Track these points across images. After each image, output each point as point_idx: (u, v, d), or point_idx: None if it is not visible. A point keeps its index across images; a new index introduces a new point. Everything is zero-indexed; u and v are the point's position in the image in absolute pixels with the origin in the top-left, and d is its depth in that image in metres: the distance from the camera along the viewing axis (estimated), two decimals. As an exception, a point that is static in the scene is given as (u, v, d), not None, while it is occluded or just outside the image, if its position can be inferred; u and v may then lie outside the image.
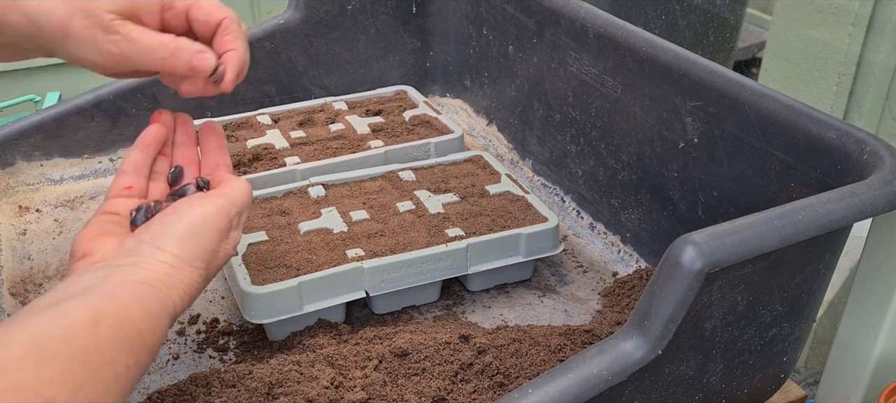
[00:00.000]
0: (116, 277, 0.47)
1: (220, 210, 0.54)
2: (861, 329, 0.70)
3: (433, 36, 1.13)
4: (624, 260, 0.85)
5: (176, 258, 0.50)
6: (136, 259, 0.49)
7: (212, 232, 0.53)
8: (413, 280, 0.74)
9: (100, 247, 0.52)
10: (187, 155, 0.61)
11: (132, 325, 0.44)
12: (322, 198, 0.83)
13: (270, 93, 1.05)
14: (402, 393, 0.62)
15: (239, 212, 0.56)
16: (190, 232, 0.52)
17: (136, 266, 0.49)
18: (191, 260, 0.51)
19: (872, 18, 1.27)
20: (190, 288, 0.51)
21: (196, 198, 0.55)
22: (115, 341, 0.43)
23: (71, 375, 0.39)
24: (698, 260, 0.51)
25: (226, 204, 0.54)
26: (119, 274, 0.47)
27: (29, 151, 0.94)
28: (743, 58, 2.15)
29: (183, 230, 0.52)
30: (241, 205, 0.56)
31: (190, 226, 0.52)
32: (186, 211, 0.53)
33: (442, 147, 0.94)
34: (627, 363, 0.52)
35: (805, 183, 0.65)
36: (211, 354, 0.71)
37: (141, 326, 0.45)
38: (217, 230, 0.53)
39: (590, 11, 0.87)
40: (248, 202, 0.57)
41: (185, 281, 0.50)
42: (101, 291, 0.45)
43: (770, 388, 0.67)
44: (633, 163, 0.84)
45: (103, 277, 0.47)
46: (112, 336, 0.42)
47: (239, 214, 0.56)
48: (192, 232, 0.52)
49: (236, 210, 0.55)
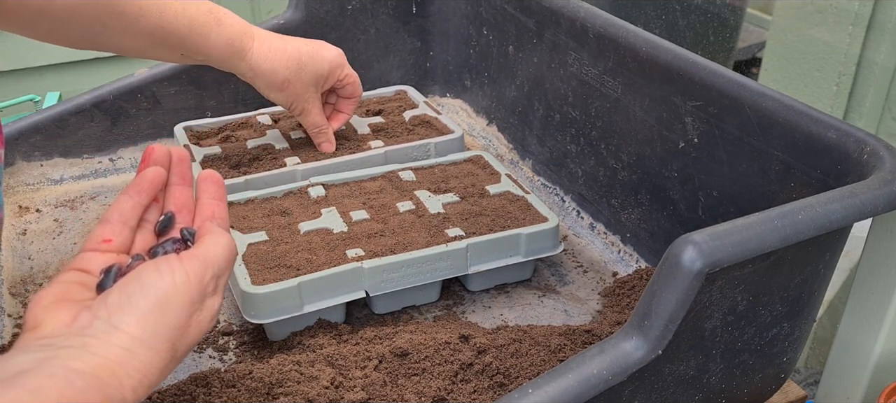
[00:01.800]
0: (55, 363, 0.40)
1: (191, 276, 0.46)
2: (861, 329, 0.70)
3: (433, 36, 1.13)
4: (624, 260, 0.85)
5: (134, 339, 0.42)
6: (85, 340, 0.42)
7: (180, 305, 0.45)
8: (413, 280, 0.74)
9: (51, 320, 0.44)
10: (180, 197, 0.54)
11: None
12: (322, 198, 0.83)
13: (270, 93, 1.05)
14: (402, 393, 0.62)
15: (216, 276, 0.47)
16: (154, 308, 0.44)
17: (83, 350, 0.41)
18: (151, 341, 0.43)
19: (872, 18, 1.27)
20: (148, 376, 0.43)
21: (164, 262, 0.46)
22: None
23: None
24: (698, 260, 0.51)
25: (198, 269, 0.46)
26: (59, 361, 0.40)
27: (29, 151, 0.94)
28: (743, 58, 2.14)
29: (146, 305, 0.44)
30: (217, 268, 0.48)
31: (154, 300, 0.44)
32: (151, 280, 0.45)
33: (442, 147, 0.94)
34: (627, 363, 0.52)
35: (805, 183, 0.65)
36: (211, 354, 0.71)
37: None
38: (188, 302, 0.45)
39: (590, 11, 0.87)
40: (228, 263, 0.49)
41: (141, 368, 0.42)
42: (28, 384, 0.38)
43: (770, 388, 0.67)
44: (633, 163, 0.84)
45: (40, 360, 0.40)
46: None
47: (216, 278, 0.48)
48: (157, 306, 0.44)
49: (212, 274, 0.47)
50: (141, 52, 0.76)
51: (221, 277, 0.48)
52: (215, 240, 0.49)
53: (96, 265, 0.48)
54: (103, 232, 0.50)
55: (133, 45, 0.74)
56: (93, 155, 0.98)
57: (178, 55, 0.78)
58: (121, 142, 0.99)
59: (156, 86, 0.98)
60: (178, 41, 0.75)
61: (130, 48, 0.75)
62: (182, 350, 0.45)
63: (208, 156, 0.90)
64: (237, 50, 0.79)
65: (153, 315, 0.44)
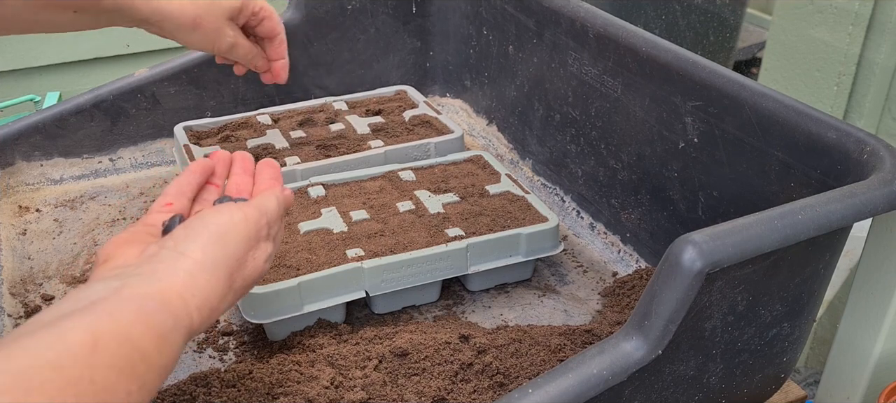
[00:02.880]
0: (126, 290, 0.44)
1: (248, 218, 0.51)
2: (861, 329, 0.70)
3: (433, 36, 1.13)
4: (624, 260, 0.85)
5: (196, 264, 0.47)
6: (154, 266, 0.46)
7: (238, 239, 0.50)
8: (413, 280, 0.74)
9: (122, 254, 0.49)
10: (241, 184, 0.60)
11: (136, 346, 0.40)
12: (322, 198, 0.83)
13: (270, 93, 1.05)
14: (402, 393, 0.62)
15: (269, 223, 0.53)
16: (214, 238, 0.49)
17: (152, 275, 0.45)
18: (212, 267, 0.48)
19: (872, 18, 1.27)
20: (209, 299, 0.47)
21: (224, 206, 0.52)
22: (115, 366, 0.39)
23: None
24: (698, 261, 0.51)
25: (254, 213, 0.52)
26: (130, 286, 0.44)
27: (29, 151, 0.94)
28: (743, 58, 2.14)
29: (208, 235, 0.49)
30: (270, 215, 0.53)
31: (215, 232, 0.49)
32: (212, 217, 0.50)
33: (442, 147, 0.94)
34: (627, 363, 0.52)
35: (805, 183, 0.65)
36: (211, 354, 0.71)
37: (146, 347, 0.41)
38: (244, 238, 0.51)
39: (590, 11, 0.87)
40: (278, 212, 0.55)
41: (203, 291, 0.47)
42: (104, 308, 0.41)
43: (770, 388, 0.67)
44: (633, 163, 0.84)
45: (113, 288, 0.43)
46: (112, 361, 0.39)
47: (269, 225, 0.53)
48: (217, 237, 0.49)
49: (266, 220, 0.53)
50: (32, 17, 0.68)
51: (273, 225, 0.54)
52: (271, 194, 0.56)
53: (160, 220, 0.54)
54: (164, 199, 0.56)
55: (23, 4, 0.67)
56: (93, 155, 0.97)
57: (71, 13, 0.69)
58: (121, 142, 0.99)
59: (156, 86, 0.98)
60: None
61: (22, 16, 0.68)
62: (239, 284, 0.51)
63: (208, 156, 0.89)
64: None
65: (213, 244, 0.49)
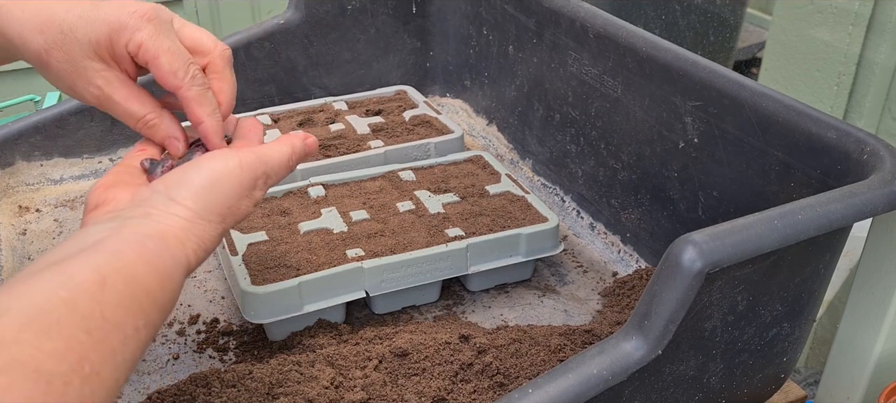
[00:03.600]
0: (126, 231, 0.44)
1: (244, 166, 0.50)
2: (861, 329, 0.70)
3: (433, 36, 1.13)
4: (624, 260, 0.85)
5: (190, 211, 0.47)
6: (147, 209, 0.46)
7: (232, 186, 0.50)
8: (413, 280, 0.74)
9: (113, 197, 0.50)
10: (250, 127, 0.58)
11: (141, 284, 0.41)
12: (322, 198, 0.83)
13: (270, 93, 1.05)
14: (402, 393, 0.62)
15: (267, 174, 0.52)
16: (208, 185, 0.49)
17: (147, 217, 0.46)
18: (206, 213, 0.48)
19: (872, 18, 1.27)
20: (204, 242, 0.48)
21: (220, 152, 0.51)
22: (123, 303, 0.40)
23: (75, 344, 0.36)
24: (698, 260, 0.50)
25: (252, 161, 0.51)
26: (129, 228, 0.45)
27: (29, 151, 0.94)
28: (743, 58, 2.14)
29: (200, 181, 0.48)
30: (271, 166, 0.52)
31: (208, 178, 0.49)
32: (207, 163, 0.50)
33: (442, 147, 0.94)
34: (627, 363, 0.52)
35: (805, 183, 0.65)
36: (211, 354, 0.71)
37: (151, 285, 0.42)
38: (239, 185, 0.50)
39: (590, 11, 0.87)
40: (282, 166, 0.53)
41: (199, 235, 0.47)
42: (108, 248, 0.42)
43: (770, 388, 0.67)
44: (633, 163, 0.84)
45: (113, 229, 0.44)
46: (120, 298, 0.40)
47: (267, 176, 0.52)
48: (211, 184, 0.49)
49: (264, 170, 0.52)
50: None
51: (271, 177, 0.52)
52: (277, 147, 0.53)
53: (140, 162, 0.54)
54: (140, 145, 0.56)
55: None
56: (93, 155, 0.97)
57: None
58: (121, 142, 0.99)
59: (156, 86, 0.98)
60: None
61: None
62: (230, 224, 0.50)
63: (208, 156, 0.90)
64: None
65: (206, 191, 0.48)
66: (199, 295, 0.78)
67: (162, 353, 0.71)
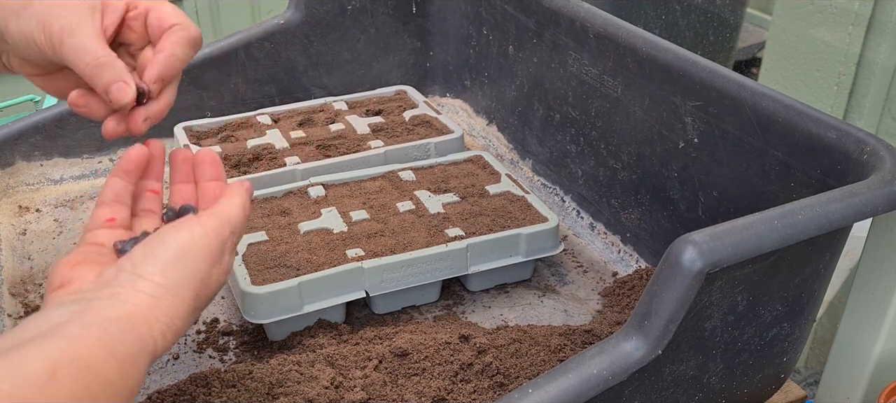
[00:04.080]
0: (89, 315, 0.42)
1: (209, 233, 0.48)
2: (861, 329, 0.70)
3: (433, 36, 1.13)
4: (624, 260, 0.85)
5: (158, 286, 0.45)
6: (114, 290, 0.44)
7: (201, 257, 0.47)
8: (413, 280, 0.74)
9: (78, 276, 0.47)
10: (185, 192, 0.55)
11: (97, 374, 0.39)
12: (322, 198, 0.83)
13: (270, 93, 1.05)
14: (402, 393, 0.62)
15: (233, 232, 0.50)
16: (175, 259, 0.46)
17: (114, 298, 0.43)
18: (175, 289, 0.45)
19: (872, 18, 1.27)
20: (174, 322, 0.45)
21: (183, 222, 0.48)
22: (75, 394, 0.37)
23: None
24: (698, 260, 0.50)
25: (217, 225, 0.48)
26: (93, 311, 0.42)
27: (29, 151, 0.94)
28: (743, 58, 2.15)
29: (167, 256, 0.46)
30: (234, 224, 0.50)
31: (175, 252, 0.46)
32: (172, 236, 0.47)
33: (442, 147, 0.94)
34: (627, 363, 0.52)
35: (805, 183, 0.65)
36: (211, 354, 0.71)
37: (109, 374, 0.39)
38: (208, 255, 0.47)
39: (590, 11, 0.87)
40: (243, 220, 0.51)
41: (168, 314, 0.44)
42: (65, 333, 0.40)
43: (770, 388, 0.67)
44: (633, 163, 0.84)
45: (75, 313, 0.42)
46: (71, 388, 0.37)
47: (233, 234, 0.50)
48: (178, 258, 0.46)
49: (229, 230, 0.49)
50: None
51: (237, 233, 0.50)
52: (231, 201, 0.51)
53: (107, 238, 0.51)
54: (103, 213, 0.52)
55: None
56: (93, 155, 0.97)
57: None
58: (121, 142, 0.98)
59: (156, 86, 0.98)
60: None
61: None
62: (203, 302, 0.48)
63: (208, 156, 0.89)
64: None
65: (174, 265, 0.46)
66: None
67: (162, 353, 0.71)
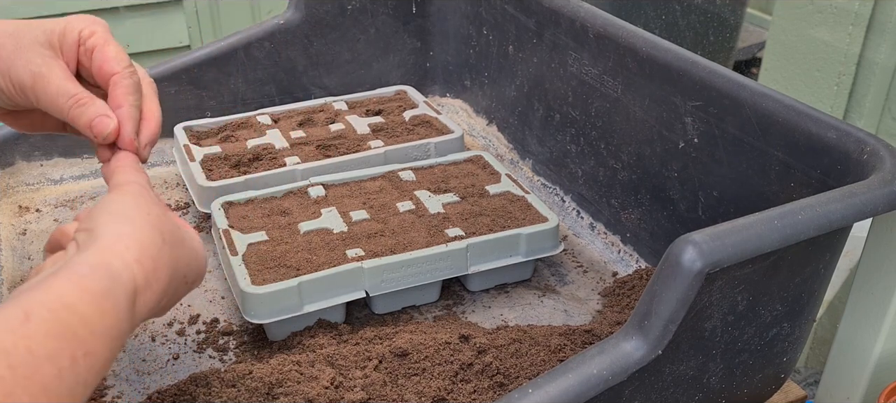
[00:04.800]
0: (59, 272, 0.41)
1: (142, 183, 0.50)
2: (861, 329, 0.70)
3: (433, 36, 1.13)
4: (624, 260, 0.85)
5: (114, 222, 0.45)
6: (72, 252, 0.45)
7: (144, 199, 0.48)
8: (413, 280, 0.74)
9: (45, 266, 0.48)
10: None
11: (72, 311, 0.39)
12: (322, 198, 0.83)
13: (270, 93, 1.05)
14: (402, 393, 0.62)
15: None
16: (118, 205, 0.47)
17: (77, 254, 0.43)
18: (131, 217, 0.45)
19: (872, 18, 1.27)
20: (146, 247, 0.44)
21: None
22: (52, 333, 0.37)
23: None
24: (698, 261, 0.51)
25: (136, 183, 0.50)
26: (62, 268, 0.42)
27: (29, 151, 0.94)
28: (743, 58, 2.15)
29: (111, 206, 0.47)
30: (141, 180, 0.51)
31: (117, 201, 0.47)
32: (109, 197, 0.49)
33: (442, 147, 0.94)
34: (627, 363, 0.52)
35: (805, 183, 0.65)
36: (211, 354, 0.71)
37: (85, 311, 0.39)
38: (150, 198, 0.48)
39: (590, 11, 0.87)
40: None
41: (137, 240, 0.44)
42: (36, 285, 0.40)
43: (770, 388, 0.67)
44: (633, 163, 0.84)
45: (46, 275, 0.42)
46: (47, 328, 0.37)
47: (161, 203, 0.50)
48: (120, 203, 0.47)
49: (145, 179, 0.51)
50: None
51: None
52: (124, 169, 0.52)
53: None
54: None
55: None
56: (93, 155, 0.97)
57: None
58: (121, 142, 0.98)
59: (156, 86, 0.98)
60: None
61: None
62: (171, 241, 0.46)
63: (208, 156, 0.90)
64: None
65: (121, 206, 0.46)
66: (199, 294, 0.78)
67: (162, 353, 0.71)
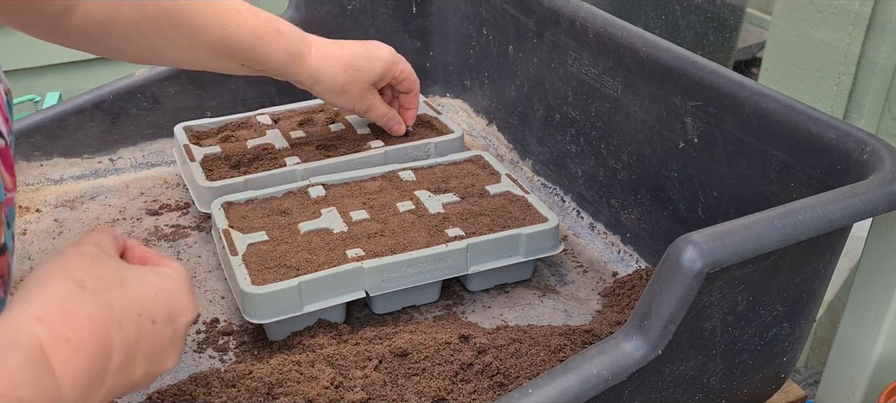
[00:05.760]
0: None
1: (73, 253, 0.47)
2: (861, 329, 0.70)
3: (433, 36, 1.13)
4: (624, 260, 0.85)
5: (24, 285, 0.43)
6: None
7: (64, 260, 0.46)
8: (413, 280, 0.74)
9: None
10: None
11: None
12: (322, 198, 0.83)
13: (270, 93, 1.05)
14: (402, 393, 0.62)
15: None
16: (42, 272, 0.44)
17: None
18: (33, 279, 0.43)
19: (872, 18, 1.27)
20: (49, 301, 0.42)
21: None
22: None
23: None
24: (698, 260, 0.51)
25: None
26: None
27: (29, 151, 0.94)
28: (743, 58, 2.14)
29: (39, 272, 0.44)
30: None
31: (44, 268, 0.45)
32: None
33: (442, 147, 0.94)
34: (627, 363, 0.52)
35: (805, 183, 0.65)
36: (211, 354, 0.71)
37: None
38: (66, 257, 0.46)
39: (590, 11, 0.87)
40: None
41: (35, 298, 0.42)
42: None
43: (770, 388, 0.67)
44: (633, 163, 0.84)
45: None
46: None
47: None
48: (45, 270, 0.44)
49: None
50: (202, 64, 0.79)
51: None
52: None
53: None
54: None
55: (195, 57, 0.77)
56: (93, 155, 0.97)
57: (238, 65, 0.80)
58: (121, 142, 0.99)
59: (156, 87, 0.98)
60: (240, 52, 0.78)
61: (192, 60, 0.78)
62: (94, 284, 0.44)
63: (208, 156, 0.90)
64: (296, 58, 0.81)
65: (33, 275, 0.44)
66: (199, 294, 0.78)
67: (162, 353, 0.71)
